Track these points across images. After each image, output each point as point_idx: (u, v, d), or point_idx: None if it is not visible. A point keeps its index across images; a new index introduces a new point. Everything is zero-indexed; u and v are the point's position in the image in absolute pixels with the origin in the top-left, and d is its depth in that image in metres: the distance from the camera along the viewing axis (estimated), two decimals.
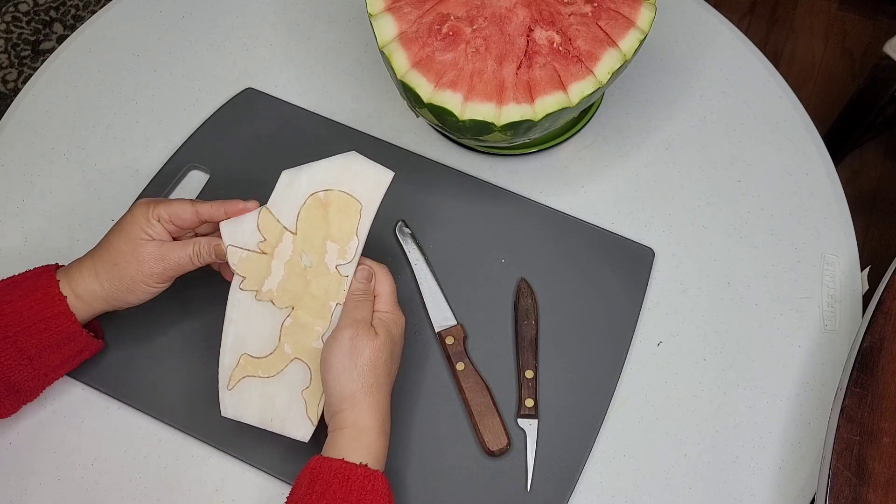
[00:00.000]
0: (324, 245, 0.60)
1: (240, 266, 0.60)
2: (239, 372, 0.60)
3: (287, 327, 0.60)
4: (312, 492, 0.53)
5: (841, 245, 0.74)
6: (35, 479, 0.64)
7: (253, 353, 0.60)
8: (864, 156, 1.60)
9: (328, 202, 0.60)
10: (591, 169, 0.78)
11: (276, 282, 0.60)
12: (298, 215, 0.61)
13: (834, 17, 1.77)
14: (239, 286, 0.61)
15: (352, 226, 0.60)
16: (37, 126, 0.79)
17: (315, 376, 0.60)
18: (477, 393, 0.65)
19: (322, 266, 0.60)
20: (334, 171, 0.61)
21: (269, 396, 0.60)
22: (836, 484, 0.59)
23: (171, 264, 0.61)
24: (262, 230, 0.61)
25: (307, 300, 0.60)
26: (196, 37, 0.85)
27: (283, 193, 0.61)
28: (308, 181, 0.61)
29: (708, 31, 0.86)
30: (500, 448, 0.63)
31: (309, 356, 0.60)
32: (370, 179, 0.61)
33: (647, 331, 0.70)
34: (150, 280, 0.61)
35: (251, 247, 0.60)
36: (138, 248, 0.60)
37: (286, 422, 0.60)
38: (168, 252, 0.61)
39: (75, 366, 0.64)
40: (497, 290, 0.71)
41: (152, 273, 0.61)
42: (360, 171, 0.61)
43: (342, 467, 0.54)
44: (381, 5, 0.67)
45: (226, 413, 0.60)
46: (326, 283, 0.60)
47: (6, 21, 1.61)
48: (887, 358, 0.63)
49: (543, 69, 0.66)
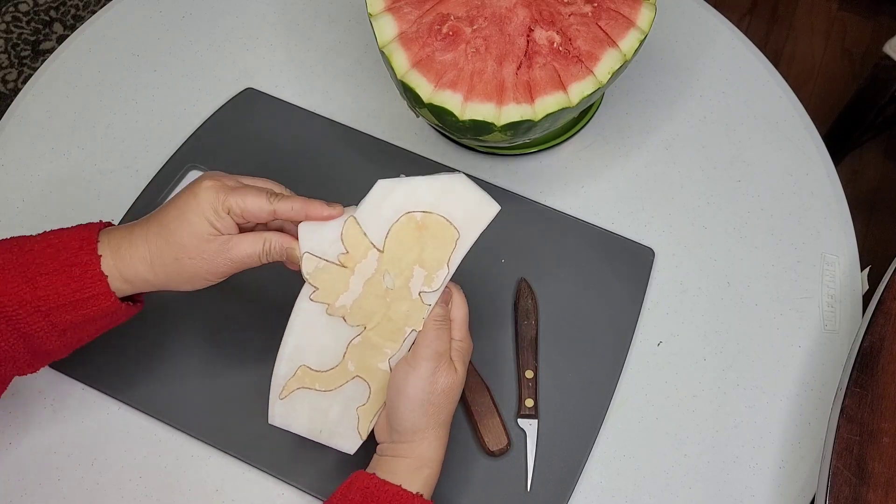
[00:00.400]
0: (411, 269, 0.56)
1: (314, 276, 0.56)
2: (294, 382, 0.57)
3: (355, 345, 0.57)
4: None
5: (841, 245, 0.74)
6: (35, 479, 0.64)
7: (313, 366, 0.57)
8: (864, 156, 1.60)
9: (424, 225, 0.55)
10: (591, 169, 0.78)
11: (352, 299, 0.56)
12: (389, 232, 0.56)
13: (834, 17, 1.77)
14: (309, 296, 0.56)
15: (445, 254, 0.56)
16: (37, 126, 0.79)
17: (374, 395, 0.57)
18: (477, 393, 0.65)
19: (405, 290, 0.56)
20: (437, 191, 0.56)
21: (321, 409, 0.58)
22: (836, 484, 0.59)
23: (238, 262, 0.56)
24: (346, 242, 0.56)
25: (382, 322, 0.56)
26: (196, 37, 0.85)
27: (376, 205, 0.56)
28: (405, 197, 0.56)
29: (708, 31, 0.86)
30: (500, 448, 0.63)
31: (371, 375, 0.57)
32: (473, 208, 0.56)
33: (647, 331, 0.70)
34: (213, 276, 0.56)
35: (330, 258, 0.56)
36: (204, 243, 0.54)
37: (335, 434, 0.58)
38: (236, 248, 0.55)
39: (109, 328, 0.59)
40: (497, 289, 0.71)
41: (216, 271, 0.56)
42: (464, 197, 0.56)
43: (399, 494, 0.53)
44: (381, 5, 0.67)
45: (273, 421, 0.58)
46: (407, 308, 0.56)
47: (6, 21, 1.61)
48: (887, 358, 0.63)
49: (543, 69, 0.66)
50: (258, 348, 0.68)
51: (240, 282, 0.71)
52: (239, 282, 0.71)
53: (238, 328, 0.69)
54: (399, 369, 0.56)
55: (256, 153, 0.77)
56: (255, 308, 0.70)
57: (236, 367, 0.67)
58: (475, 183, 0.56)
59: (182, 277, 0.55)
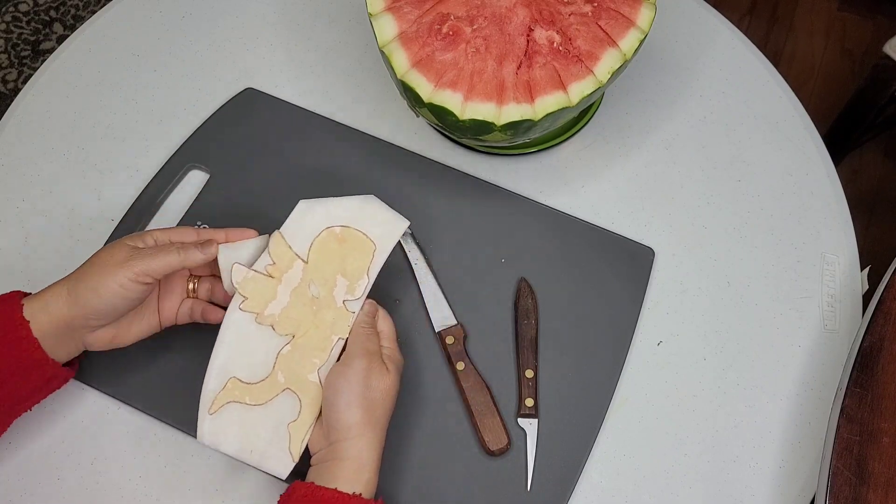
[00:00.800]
0: (334, 278, 0.60)
1: (243, 285, 0.59)
2: (224, 396, 0.58)
3: (284, 355, 0.59)
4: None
5: (841, 245, 0.74)
6: (35, 479, 0.64)
7: (242, 378, 0.58)
8: (864, 156, 1.60)
9: (343, 238, 0.61)
10: (591, 169, 0.78)
11: (280, 307, 0.59)
12: (312, 245, 0.61)
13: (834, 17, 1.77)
14: (239, 306, 0.59)
15: (364, 264, 0.61)
16: (37, 126, 0.79)
17: (305, 410, 0.58)
18: (477, 392, 0.65)
19: (330, 298, 0.60)
20: (352, 210, 0.62)
21: (251, 425, 0.57)
22: (836, 484, 0.59)
23: (168, 320, 0.63)
24: (273, 254, 0.60)
25: (310, 331, 0.59)
26: (196, 37, 0.85)
27: (298, 221, 0.61)
28: (325, 214, 0.61)
29: (708, 31, 0.86)
30: (500, 448, 0.63)
31: (301, 387, 0.58)
32: (386, 224, 0.62)
33: (647, 330, 0.70)
34: (147, 332, 0.62)
35: (258, 268, 0.60)
36: (121, 313, 0.59)
37: (266, 455, 0.57)
38: (159, 314, 0.62)
39: (46, 395, 0.60)
40: (497, 289, 0.71)
41: (151, 331, 0.62)
42: (376, 214, 0.62)
43: (337, 497, 0.53)
44: (381, 5, 0.67)
45: (202, 439, 0.57)
46: (332, 315, 0.60)
47: (6, 21, 1.61)
48: (887, 358, 0.63)
49: (543, 69, 0.66)
50: None
51: None
52: None
53: None
54: (334, 370, 0.58)
55: (256, 153, 0.77)
56: None
57: None
58: (385, 203, 0.64)
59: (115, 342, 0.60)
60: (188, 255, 0.58)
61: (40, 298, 0.57)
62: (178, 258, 0.58)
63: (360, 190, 0.75)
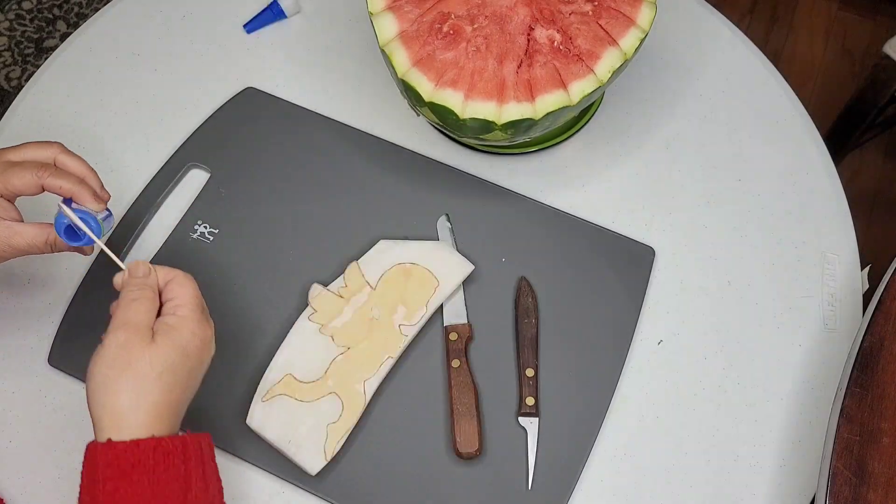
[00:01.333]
0: (395, 305, 0.67)
1: (315, 301, 0.67)
2: (279, 388, 0.64)
3: (337, 363, 0.65)
4: (131, 483, 0.47)
5: (841, 244, 0.74)
6: (35, 479, 0.64)
7: (297, 376, 0.64)
8: (864, 155, 1.60)
9: (411, 272, 0.68)
10: (592, 168, 0.78)
11: (343, 322, 0.66)
12: (382, 276, 0.68)
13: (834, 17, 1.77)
14: (308, 317, 0.66)
15: (425, 297, 0.67)
16: (39, 124, 0.79)
17: (345, 414, 0.63)
18: (463, 393, 0.65)
19: (388, 321, 0.66)
20: (425, 251, 0.69)
21: (295, 419, 0.62)
22: (836, 484, 0.59)
23: (20, 250, 0.57)
24: (347, 279, 0.68)
25: (364, 345, 0.65)
26: (196, 37, 0.85)
27: (375, 257, 0.69)
28: (399, 254, 0.69)
29: (708, 31, 0.86)
30: (468, 452, 0.63)
31: (347, 394, 0.64)
32: (452, 266, 0.69)
33: (647, 329, 0.70)
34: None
35: (332, 289, 0.68)
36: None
37: (302, 448, 0.62)
38: (17, 236, 0.57)
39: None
40: (497, 288, 0.71)
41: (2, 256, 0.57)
42: (445, 257, 0.69)
43: (158, 444, 0.48)
44: (381, 4, 0.67)
45: (251, 422, 0.63)
46: (386, 335, 0.66)
47: (10, 19, 1.61)
48: (887, 358, 0.63)
49: (544, 68, 0.66)
50: (256, 349, 0.68)
51: (241, 284, 0.71)
52: (239, 284, 0.71)
53: (238, 329, 0.69)
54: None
55: (257, 152, 0.77)
56: (253, 311, 0.70)
57: (236, 367, 0.67)
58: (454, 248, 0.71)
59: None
60: (80, 192, 0.57)
61: None
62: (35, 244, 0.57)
63: (359, 189, 0.75)
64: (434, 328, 0.69)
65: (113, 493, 0.47)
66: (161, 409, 0.50)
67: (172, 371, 0.51)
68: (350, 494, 0.63)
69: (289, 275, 0.71)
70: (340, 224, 0.73)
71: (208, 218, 0.74)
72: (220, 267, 0.71)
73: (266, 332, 0.68)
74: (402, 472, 0.64)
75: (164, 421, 0.50)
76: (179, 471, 0.49)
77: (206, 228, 0.73)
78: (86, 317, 0.69)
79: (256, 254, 0.72)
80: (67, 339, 0.68)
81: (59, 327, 0.69)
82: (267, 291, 0.70)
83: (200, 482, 0.50)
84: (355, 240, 0.72)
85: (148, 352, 0.50)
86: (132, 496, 0.47)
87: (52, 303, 0.70)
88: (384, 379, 0.66)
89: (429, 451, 0.65)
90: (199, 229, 0.73)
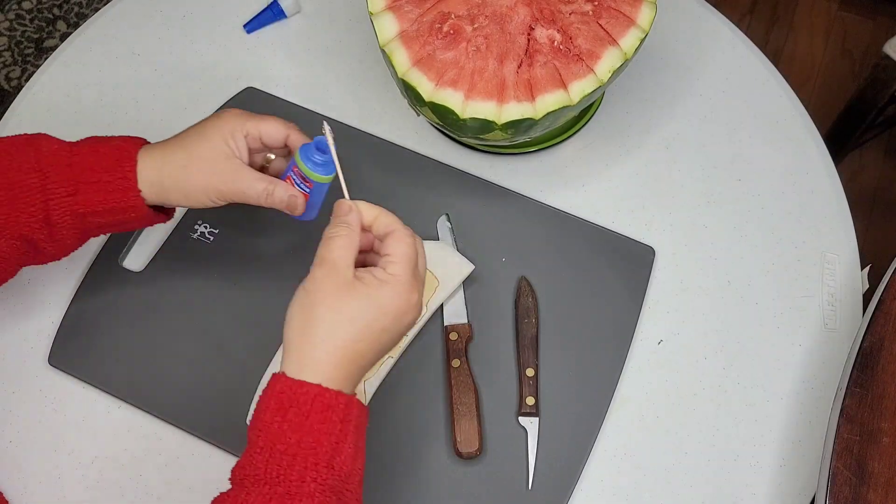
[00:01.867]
0: None
1: None
2: None
3: None
4: (285, 420, 0.48)
5: (841, 244, 0.74)
6: (35, 478, 0.64)
7: None
8: (864, 155, 1.60)
9: None
10: (592, 168, 0.78)
11: None
12: None
13: (834, 17, 1.77)
14: None
15: (425, 297, 0.66)
16: (39, 123, 0.79)
17: None
18: (464, 393, 0.65)
19: None
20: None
21: None
22: (836, 484, 0.59)
23: (239, 192, 0.59)
24: None
25: None
26: (196, 37, 0.85)
27: None
28: None
29: (708, 31, 0.86)
30: (469, 452, 0.63)
31: None
32: (453, 266, 0.69)
33: (647, 329, 0.70)
34: (213, 195, 0.59)
35: None
36: (216, 159, 0.59)
37: None
38: (243, 178, 0.59)
39: (138, 227, 0.64)
40: (498, 288, 0.71)
41: (218, 190, 0.59)
42: (445, 258, 0.69)
43: (317, 393, 0.49)
44: (381, 4, 0.67)
45: (248, 421, 0.60)
46: None
47: (10, 19, 1.61)
48: (887, 358, 0.63)
49: (544, 68, 0.66)
50: (258, 349, 0.68)
51: (241, 284, 0.71)
52: (240, 284, 0.71)
53: (239, 329, 0.69)
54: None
55: None
56: (254, 311, 0.70)
57: (237, 366, 0.67)
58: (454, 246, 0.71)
59: (183, 186, 0.59)
60: (274, 195, 0.60)
61: (150, 154, 0.60)
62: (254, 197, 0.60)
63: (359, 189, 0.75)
64: (434, 328, 0.69)
65: (270, 423, 0.48)
66: (342, 357, 0.50)
67: (364, 321, 0.50)
68: None
69: (289, 275, 0.71)
70: None
71: (208, 218, 0.74)
72: (220, 267, 0.71)
73: (266, 331, 0.68)
74: (402, 472, 0.64)
75: (342, 369, 0.50)
76: (335, 427, 0.49)
77: (206, 228, 0.73)
78: (86, 317, 0.69)
79: (256, 254, 0.72)
80: (67, 339, 0.68)
81: (59, 327, 0.69)
82: (267, 291, 0.70)
83: (351, 448, 0.49)
84: None
85: (342, 292, 0.50)
86: (284, 434, 0.48)
87: (52, 303, 0.70)
88: (384, 379, 0.66)
89: (429, 451, 0.65)
90: (199, 229, 0.73)
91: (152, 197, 0.59)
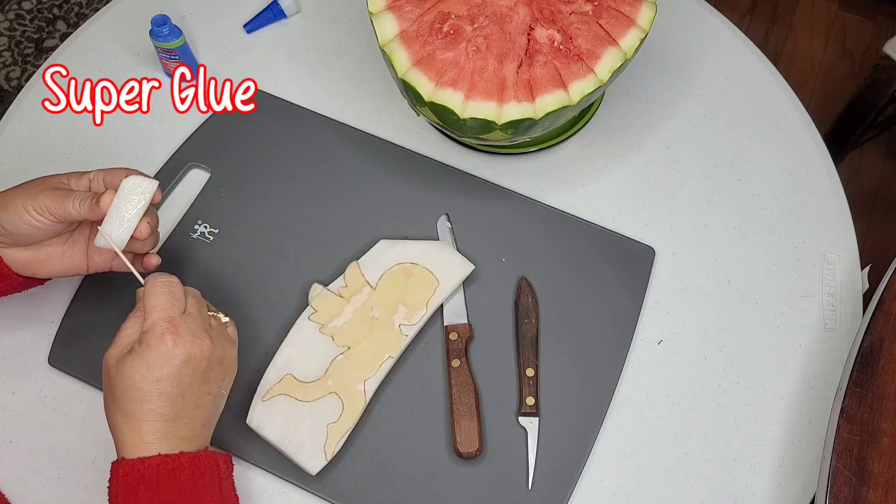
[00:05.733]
0: (396, 305, 0.67)
1: (316, 301, 0.67)
2: (279, 388, 0.64)
3: (337, 363, 0.65)
4: (139, 499, 0.49)
5: (841, 244, 0.74)
6: (35, 478, 0.64)
7: (297, 376, 0.64)
8: (864, 156, 1.60)
9: (411, 272, 0.68)
10: (592, 168, 0.78)
11: (343, 322, 0.66)
12: (382, 276, 0.68)
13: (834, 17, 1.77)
14: (308, 317, 0.66)
15: (425, 297, 0.67)
16: (39, 123, 0.79)
17: (345, 413, 0.63)
18: (463, 393, 0.65)
19: (388, 322, 0.66)
20: (425, 251, 0.69)
21: (296, 419, 0.62)
22: (836, 484, 0.59)
23: (63, 209, 0.57)
24: (347, 279, 0.68)
25: (364, 345, 0.65)
26: (196, 37, 0.85)
27: (375, 257, 0.69)
28: (399, 253, 0.69)
29: (708, 31, 0.86)
30: (469, 452, 0.63)
31: (347, 394, 0.64)
32: (453, 266, 0.69)
33: (647, 329, 0.70)
34: (32, 211, 0.56)
35: (333, 289, 0.68)
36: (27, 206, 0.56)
37: (302, 448, 0.62)
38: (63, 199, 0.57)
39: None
40: (498, 288, 0.71)
41: (44, 206, 0.56)
42: (446, 258, 0.69)
43: (162, 461, 0.50)
44: (381, 4, 0.67)
45: (251, 422, 0.63)
46: (386, 335, 0.66)
47: (10, 19, 1.61)
48: (887, 358, 0.63)
49: (544, 68, 0.66)
50: (256, 349, 0.68)
51: (241, 284, 0.71)
52: (239, 284, 0.71)
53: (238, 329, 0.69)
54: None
55: (257, 152, 0.77)
56: (254, 310, 0.70)
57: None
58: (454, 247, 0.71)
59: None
60: (78, 210, 0.57)
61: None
62: (73, 210, 0.57)
63: (359, 189, 0.75)
64: (434, 328, 0.69)
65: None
66: (156, 419, 0.51)
67: (148, 381, 0.51)
68: (350, 494, 0.63)
69: (289, 275, 0.71)
70: (340, 224, 0.73)
71: (208, 218, 0.74)
72: (220, 267, 0.71)
73: (266, 331, 0.68)
74: (402, 472, 0.64)
75: (170, 431, 0.51)
76: (187, 488, 0.50)
77: (206, 228, 0.73)
78: (86, 317, 0.69)
79: (256, 254, 0.72)
80: (67, 339, 0.68)
81: (59, 327, 0.69)
82: (267, 291, 0.70)
83: (216, 497, 0.51)
84: (355, 240, 0.72)
85: (120, 365, 0.52)
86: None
87: (52, 303, 0.70)
88: (384, 379, 0.66)
89: (429, 451, 0.65)
90: (199, 229, 0.73)
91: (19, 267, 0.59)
